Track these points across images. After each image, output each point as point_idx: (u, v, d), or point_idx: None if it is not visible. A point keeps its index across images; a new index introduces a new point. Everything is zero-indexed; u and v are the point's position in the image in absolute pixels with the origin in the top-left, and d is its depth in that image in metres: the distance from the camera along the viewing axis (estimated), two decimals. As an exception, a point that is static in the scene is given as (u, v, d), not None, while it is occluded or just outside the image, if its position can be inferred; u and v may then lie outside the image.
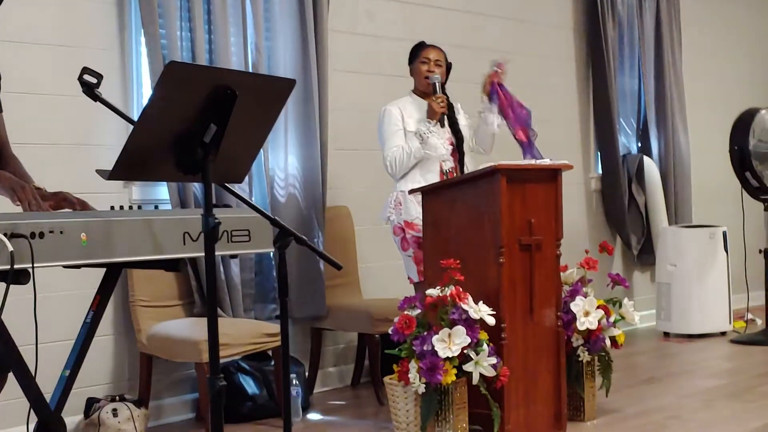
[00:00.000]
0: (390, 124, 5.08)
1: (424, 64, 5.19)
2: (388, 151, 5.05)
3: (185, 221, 3.07)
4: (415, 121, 5.09)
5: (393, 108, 5.12)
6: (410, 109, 5.14)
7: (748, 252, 7.51)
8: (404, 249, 5.05)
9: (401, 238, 5.05)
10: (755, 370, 6.18)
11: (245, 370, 5.16)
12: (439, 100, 5.08)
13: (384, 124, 5.10)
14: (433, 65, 5.18)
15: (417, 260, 4.98)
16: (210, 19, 5.22)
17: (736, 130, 7.18)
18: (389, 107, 5.13)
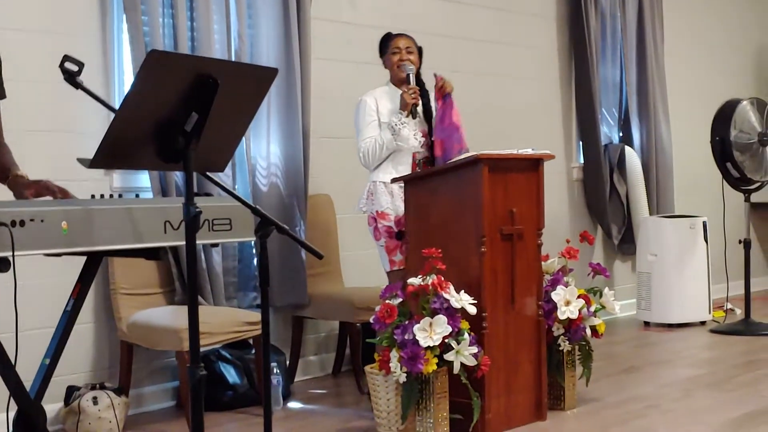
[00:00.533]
0: (365, 115, 5.06)
1: (395, 54, 5.13)
2: (362, 142, 5.02)
3: (166, 210, 3.06)
4: (389, 111, 5.06)
5: (368, 98, 5.09)
6: (385, 100, 5.10)
7: (728, 242, 7.54)
8: (377, 238, 5.04)
9: (374, 228, 5.04)
10: (734, 359, 6.22)
11: (226, 358, 5.16)
12: (411, 91, 5.02)
13: (359, 115, 5.08)
14: (404, 54, 5.12)
15: (388, 250, 4.98)
16: (192, 5, 5.20)
17: (718, 121, 7.20)
18: (364, 98, 5.10)
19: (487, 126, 6.92)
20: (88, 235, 2.84)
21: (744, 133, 7.13)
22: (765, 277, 9.71)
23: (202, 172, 3.21)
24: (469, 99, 6.81)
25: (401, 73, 5.11)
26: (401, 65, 5.11)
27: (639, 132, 8.06)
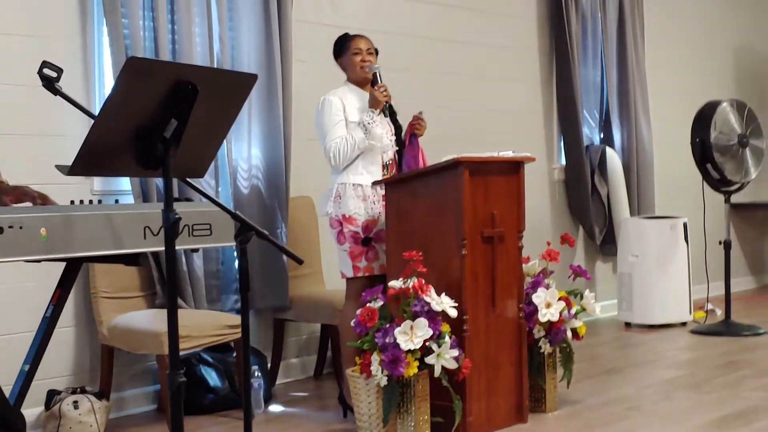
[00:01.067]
0: (331, 115, 4.91)
1: (357, 54, 5.03)
2: (331, 142, 4.87)
3: (146, 216, 3.07)
4: (357, 110, 4.96)
5: (333, 98, 4.95)
6: (351, 99, 4.99)
7: (709, 243, 7.58)
8: (340, 243, 4.90)
9: (338, 231, 4.90)
10: (715, 360, 6.25)
11: (207, 362, 5.15)
12: (382, 89, 4.96)
13: (324, 115, 4.92)
14: (365, 54, 5.05)
15: (352, 255, 4.87)
16: (173, 8, 5.19)
17: (698, 123, 7.23)
18: (329, 97, 4.94)
19: (468, 127, 6.94)
20: (67, 241, 2.84)
21: (724, 135, 7.16)
22: (745, 278, 9.77)
23: (182, 178, 3.21)
24: (451, 100, 6.85)
25: (365, 74, 5.01)
26: (366, 66, 5.02)
27: (620, 133, 8.09)
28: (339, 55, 5.10)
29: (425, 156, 5.05)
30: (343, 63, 5.09)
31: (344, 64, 5.08)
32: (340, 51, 5.10)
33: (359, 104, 4.98)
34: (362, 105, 4.97)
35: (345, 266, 4.91)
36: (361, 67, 5.02)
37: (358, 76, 5.03)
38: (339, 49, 5.11)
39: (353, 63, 5.03)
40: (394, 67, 6.40)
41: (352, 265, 4.88)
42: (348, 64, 5.06)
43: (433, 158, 4.97)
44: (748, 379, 5.66)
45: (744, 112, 7.27)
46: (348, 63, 5.05)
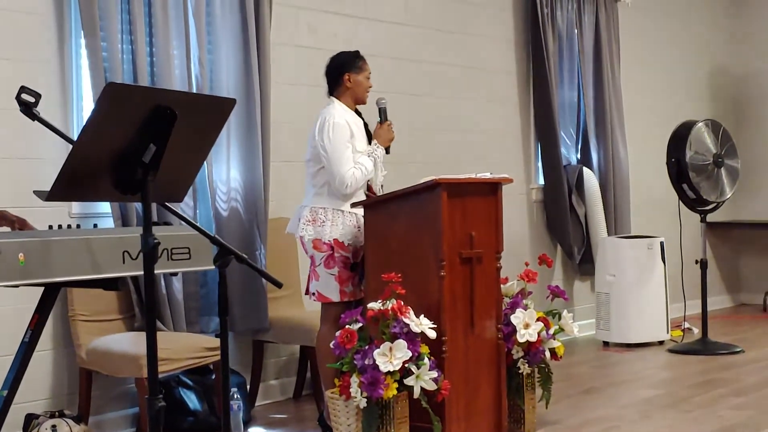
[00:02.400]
0: (343, 140, 4.81)
1: (368, 78, 5.04)
2: (347, 170, 4.78)
3: (124, 240, 3.07)
4: (362, 135, 4.96)
5: (341, 121, 4.84)
6: (352, 121, 4.93)
7: (685, 262, 7.63)
8: (329, 267, 4.81)
9: (328, 255, 4.80)
10: (692, 379, 6.28)
11: (187, 384, 5.14)
12: (391, 127, 5.02)
13: (334, 139, 4.80)
14: (370, 81, 5.06)
15: (340, 280, 4.81)
16: (151, 31, 5.20)
17: (674, 143, 7.28)
18: (338, 120, 4.83)
19: (447, 148, 6.97)
20: (45, 266, 2.84)
21: (699, 155, 7.22)
22: (721, 297, 9.83)
23: (161, 202, 3.22)
24: (429, 122, 6.88)
25: (366, 98, 5.03)
26: (379, 99, 5.06)
27: (597, 153, 8.14)
28: (349, 70, 4.98)
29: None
30: (352, 79, 4.97)
31: (353, 81, 4.97)
32: (352, 67, 4.98)
33: (357, 128, 4.94)
34: (359, 128, 4.95)
35: (330, 290, 4.83)
36: (367, 91, 5.03)
37: (361, 98, 5.02)
38: (351, 64, 5.00)
39: (363, 84, 5.01)
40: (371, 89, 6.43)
41: (339, 290, 4.81)
42: (358, 84, 4.98)
43: (412, 180, 4.99)
44: (725, 397, 5.70)
45: (719, 132, 7.34)
46: (358, 82, 4.99)
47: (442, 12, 7.06)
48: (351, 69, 4.99)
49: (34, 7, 4.90)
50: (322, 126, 4.85)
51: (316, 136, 4.86)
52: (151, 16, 5.18)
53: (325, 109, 4.95)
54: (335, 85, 5.01)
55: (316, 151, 4.87)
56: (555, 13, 7.75)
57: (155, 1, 5.17)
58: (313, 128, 4.91)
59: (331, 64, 5.05)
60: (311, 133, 4.91)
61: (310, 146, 4.92)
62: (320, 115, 4.92)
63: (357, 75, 4.99)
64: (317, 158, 4.87)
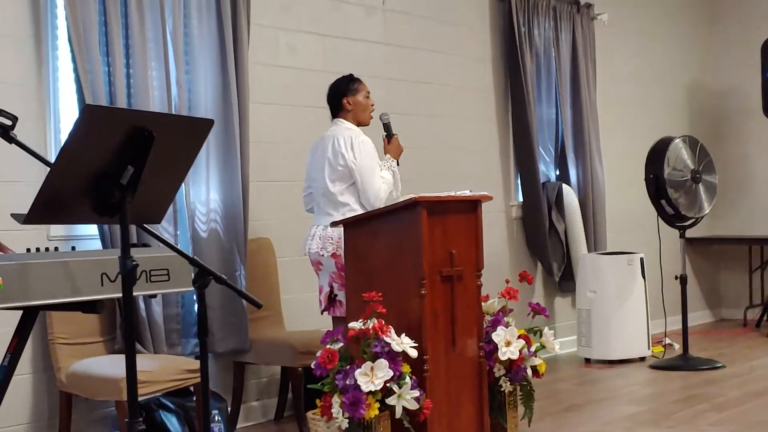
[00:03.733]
0: (372, 155, 5.09)
1: (368, 98, 5.26)
2: (380, 186, 5.05)
3: (103, 262, 3.05)
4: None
5: (366, 138, 5.13)
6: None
7: (665, 278, 7.65)
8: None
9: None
10: (674, 395, 6.29)
11: (167, 407, 5.10)
12: (399, 141, 5.30)
13: (366, 156, 5.05)
14: (371, 99, 5.29)
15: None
16: (128, 53, 5.18)
17: (652, 159, 7.31)
18: (364, 138, 5.12)
19: (426, 166, 6.98)
20: (23, 289, 2.82)
21: (677, 171, 7.25)
22: (702, 312, 9.86)
23: (139, 224, 3.20)
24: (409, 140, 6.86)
25: (366, 117, 5.24)
26: (383, 114, 5.31)
27: (575, 170, 8.17)
28: (346, 94, 5.21)
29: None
30: (351, 101, 5.21)
31: (352, 103, 5.21)
32: (347, 90, 5.22)
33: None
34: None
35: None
36: (369, 111, 5.26)
37: (363, 120, 5.25)
38: (347, 88, 5.24)
39: (365, 105, 5.25)
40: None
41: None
42: (357, 104, 5.22)
43: (391, 198, 5.00)
44: (707, 413, 5.71)
45: (696, 148, 7.38)
46: (357, 102, 5.22)
47: (421, 31, 7.08)
48: (347, 92, 5.23)
49: (11, 29, 4.88)
50: (349, 144, 5.07)
51: (345, 154, 5.06)
52: (129, 36, 5.17)
53: (335, 129, 5.18)
54: (338, 111, 5.24)
55: (344, 170, 5.07)
56: (532, 31, 7.79)
57: (132, 22, 5.15)
58: (331, 149, 5.10)
59: (329, 92, 5.30)
60: (332, 154, 5.09)
61: (332, 168, 5.10)
62: (337, 136, 5.12)
63: (354, 96, 5.23)
64: (344, 177, 5.08)
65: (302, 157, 6.14)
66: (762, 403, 5.93)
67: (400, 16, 6.92)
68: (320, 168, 5.15)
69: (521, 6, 7.65)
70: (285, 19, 6.16)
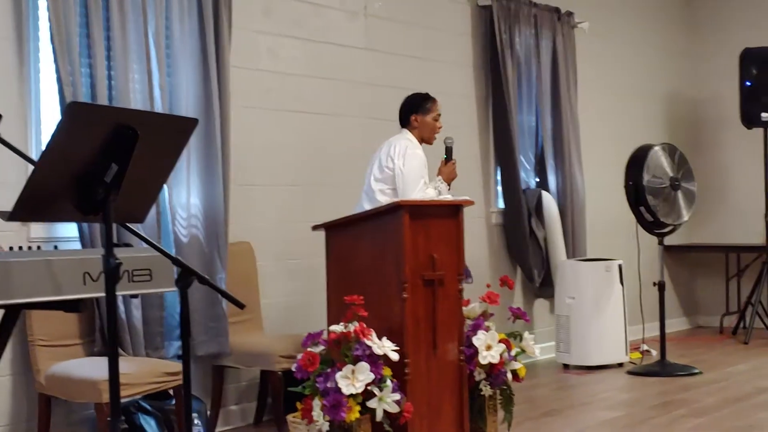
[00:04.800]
0: (420, 169, 5.34)
1: (437, 120, 5.54)
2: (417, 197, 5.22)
3: (85, 261, 3.04)
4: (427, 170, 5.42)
5: (420, 152, 5.38)
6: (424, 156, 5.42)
7: (643, 285, 7.68)
8: None
9: None
10: (651, 401, 6.32)
11: (146, 410, 5.08)
12: (455, 166, 5.61)
13: (413, 167, 5.31)
14: (439, 122, 5.53)
15: None
16: (110, 55, 5.16)
17: (631, 166, 7.35)
18: (419, 151, 5.38)
19: (406, 172, 6.97)
20: (5, 288, 2.80)
21: (656, 178, 7.29)
22: (678, 319, 9.91)
23: (122, 223, 3.19)
24: (389, 146, 6.88)
25: (430, 138, 5.54)
26: (447, 138, 5.60)
27: (555, 177, 8.20)
28: (417, 111, 5.50)
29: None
30: (419, 120, 5.51)
31: (420, 122, 5.51)
32: (419, 108, 5.54)
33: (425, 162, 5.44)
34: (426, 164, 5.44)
35: None
36: (435, 132, 5.56)
37: (427, 139, 5.55)
38: (419, 105, 5.54)
39: (432, 126, 5.54)
40: (331, 113, 6.47)
41: None
42: (425, 124, 5.52)
43: (373, 202, 5.01)
44: (684, 418, 5.73)
45: (675, 156, 7.42)
46: (425, 123, 5.52)
47: (402, 37, 7.09)
48: (418, 110, 5.55)
49: (-7, 30, 4.87)
50: (402, 152, 5.37)
51: (395, 159, 5.37)
52: (110, 39, 5.15)
53: (397, 137, 5.50)
54: (405, 124, 5.56)
55: (389, 174, 5.38)
56: (513, 38, 7.81)
57: (114, 24, 5.14)
58: (386, 152, 5.43)
59: (402, 105, 5.64)
60: (385, 156, 5.42)
61: (380, 168, 5.42)
62: (395, 143, 5.45)
63: (424, 116, 5.54)
64: (387, 180, 5.39)
65: (283, 160, 6.17)
66: (739, 408, 5.97)
67: (382, 21, 6.94)
68: (371, 166, 5.49)
69: (503, 13, 7.68)
70: (267, 23, 6.16)
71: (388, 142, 5.50)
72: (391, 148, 5.41)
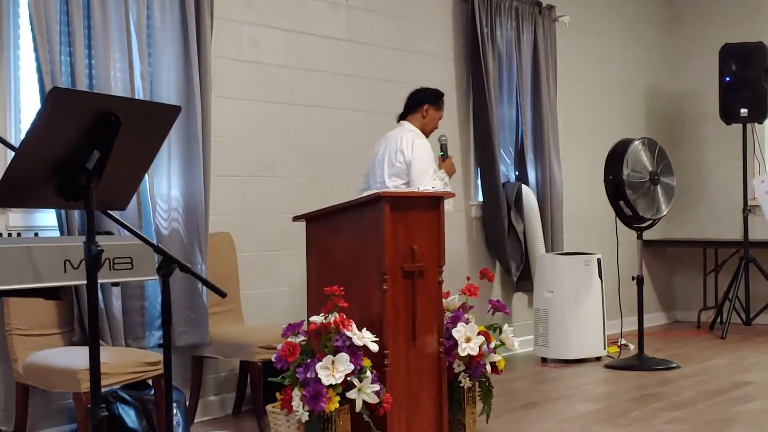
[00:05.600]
0: (429, 159, 5.64)
1: (440, 119, 5.90)
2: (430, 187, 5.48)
3: (66, 249, 3.03)
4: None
5: (426, 142, 5.70)
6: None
7: (622, 279, 7.71)
8: None
9: None
10: (628, 394, 6.35)
11: (125, 400, 5.06)
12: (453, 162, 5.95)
13: (424, 158, 5.60)
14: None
15: None
16: (90, 43, 5.14)
17: (611, 161, 7.37)
18: (426, 141, 5.69)
19: (387, 165, 6.98)
20: (-15, 274, 2.79)
21: (636, 173, 7.32)
22: (656, 314, 9.96)
23: (104, 210, 3.18)
24: (370, 138, 6.88)
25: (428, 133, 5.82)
26: (441, 136, 6.00)
27: (534, 171, 8.21)
28: (431, 103, 5.86)
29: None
30: (429, 113, 5.86)
31: (429, 115, 5.85)
32: (434, 101, 5.89)
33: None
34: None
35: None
36: (434, 129, 5.91)
37: (428, 133, 5.85)
38: (435, 99, 5.90)
39: (436, 122, 5.91)
40: (313, 104, 6.46)
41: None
42: (432, 119, 5.88)
43: (355, 194, 5.00)
44: (661, 411, 5.76)
45: (655, 151, 7.44)
46: (433, 118, 5.88)
47: (384, 28, 7.09)
48: (432, 103, 5.88)
49: (-28, 16, 4.84)
50: (410, 143, 5.64)
51: (404, 151, 5.64)
52: (91, 27, 5.12)
53: (399, 131, 5.80)
54: (411, 112, 5.85)
55: (401, 167, 5.66)
56: (494, 31, 7.82)
57: (95, 14, 5.11)
58: (394, 147, 5.70)
59: (415, 92, 5.95)
60: (393, 151, 5.69)
61: (390, 164, 5.68)
62: (400, 136, 5.73)
63: (436, 110, 5.89)
64: (400, 173, 5.67)
65: (264, 151, 6.16)
66: (716, 402, 6.00)
67: (364, 13, 6.93)
68: (380, 164, 5.73)
69: (484, 6, 7.68)
70: (249, 13, 6.14)
71: (391, 137, 5.76)
72: (397, 141, 5.68)
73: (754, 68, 9.02)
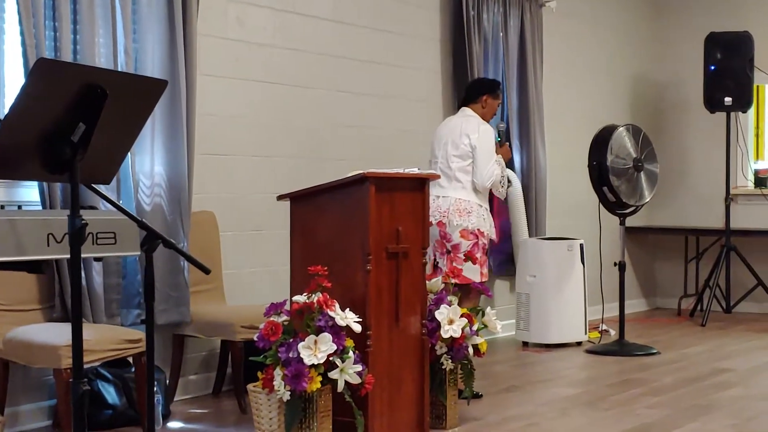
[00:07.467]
0: (493, 144, 5.87)
1: (498, 107, 6.11)
2: (493, 170, 5.82)
3: (49, 222, 3.01)
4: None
5: (491, 128, 5.93)
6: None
7: (604, 265, 7.72)
8: (473, 253, 5.73)
9: (473, 243, 5.74)
10: (609, 379, 6.37)
11: (105, 377, 5.05)
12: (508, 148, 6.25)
13: (489, 143, 5.83)
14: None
15: (481, 263, 5.80)
16: (76, 18, 5.09)
17: (595, 146, 7.37)
18: (490, 127, 5.93)
19: (372, 146, 6.97)
20: (-32, 246, 2.76)
21: (620, 159, 7.33)
22: (637, 300, 9.99)
23: (88, 184, 3.15)
24: (358, 118, 6.88)
25: (488, 120, 6.02)
26: (500, 123, 6.36)
27: (519, 155, 8.20)
28: (489, 93, 6.04)
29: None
30: (488, 102, 6.04)
31: (488, 104, 6.04)
32: (492, 91, 6.07)
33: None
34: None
35: (472, 272, 5.73)
36: (492, 117, 6.09)
37: (487, 120, 6.02)
38: (493, 88, 6.09)
39: (495, 110, 6.10)
40: (298, 84, 6.43)
41: (480, 272, 5.80)
42: (491, 107, 6.06)
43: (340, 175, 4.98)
44: (642, 397, 5.79)
45: (639, 137, 7.45)
46: (492, 108, 6.07)
47: (371, 9, 7.06)
48: (490, 92, 6.06)
49: (-44, -12, 4.78)
50: (476, 128, 5.87)
51: (470, 135, 5.84)
52: (77, 2, 5.08)
53: (462, 116, 6.02)
54: (471, 101, 6.05)
55: (466, 149, 5.85)
56: (481, 15, 7.79)
57: (81, -12, 5.07)
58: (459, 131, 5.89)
59: (475, 82, 6.37)
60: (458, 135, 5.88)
61: (455, 146, 5.87)
62: (464, 121, 5.94)
63: (494, 99, 6.07)
64: (464, 156, 5.85)
65: (249, 130, 6.13)
66: (695, 388, 6.03)
67: (351, -6, 6.90)
68: (444, 145, 5.91)
69: (471, -11, 7.66)
70: (235, -9, 6.11)
71: (455, 120, 6.02)
72: (462, 125, 5.89)
73: (739, 57, 9.04)
